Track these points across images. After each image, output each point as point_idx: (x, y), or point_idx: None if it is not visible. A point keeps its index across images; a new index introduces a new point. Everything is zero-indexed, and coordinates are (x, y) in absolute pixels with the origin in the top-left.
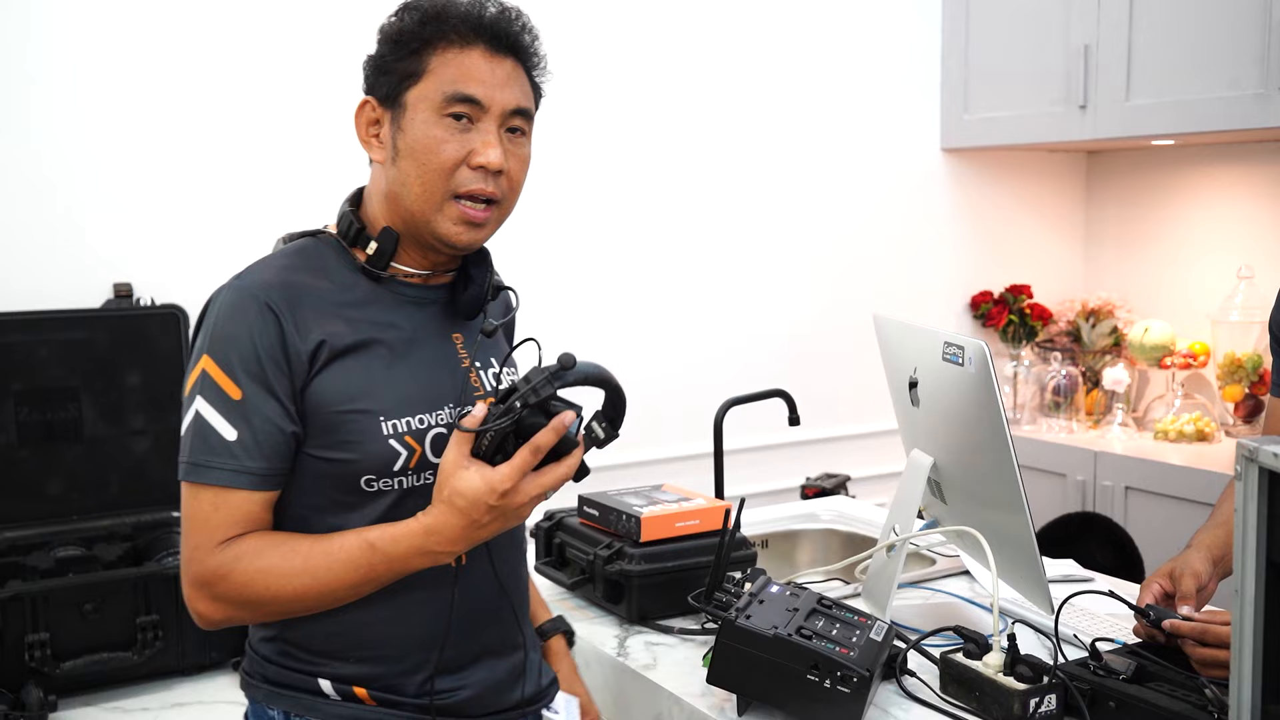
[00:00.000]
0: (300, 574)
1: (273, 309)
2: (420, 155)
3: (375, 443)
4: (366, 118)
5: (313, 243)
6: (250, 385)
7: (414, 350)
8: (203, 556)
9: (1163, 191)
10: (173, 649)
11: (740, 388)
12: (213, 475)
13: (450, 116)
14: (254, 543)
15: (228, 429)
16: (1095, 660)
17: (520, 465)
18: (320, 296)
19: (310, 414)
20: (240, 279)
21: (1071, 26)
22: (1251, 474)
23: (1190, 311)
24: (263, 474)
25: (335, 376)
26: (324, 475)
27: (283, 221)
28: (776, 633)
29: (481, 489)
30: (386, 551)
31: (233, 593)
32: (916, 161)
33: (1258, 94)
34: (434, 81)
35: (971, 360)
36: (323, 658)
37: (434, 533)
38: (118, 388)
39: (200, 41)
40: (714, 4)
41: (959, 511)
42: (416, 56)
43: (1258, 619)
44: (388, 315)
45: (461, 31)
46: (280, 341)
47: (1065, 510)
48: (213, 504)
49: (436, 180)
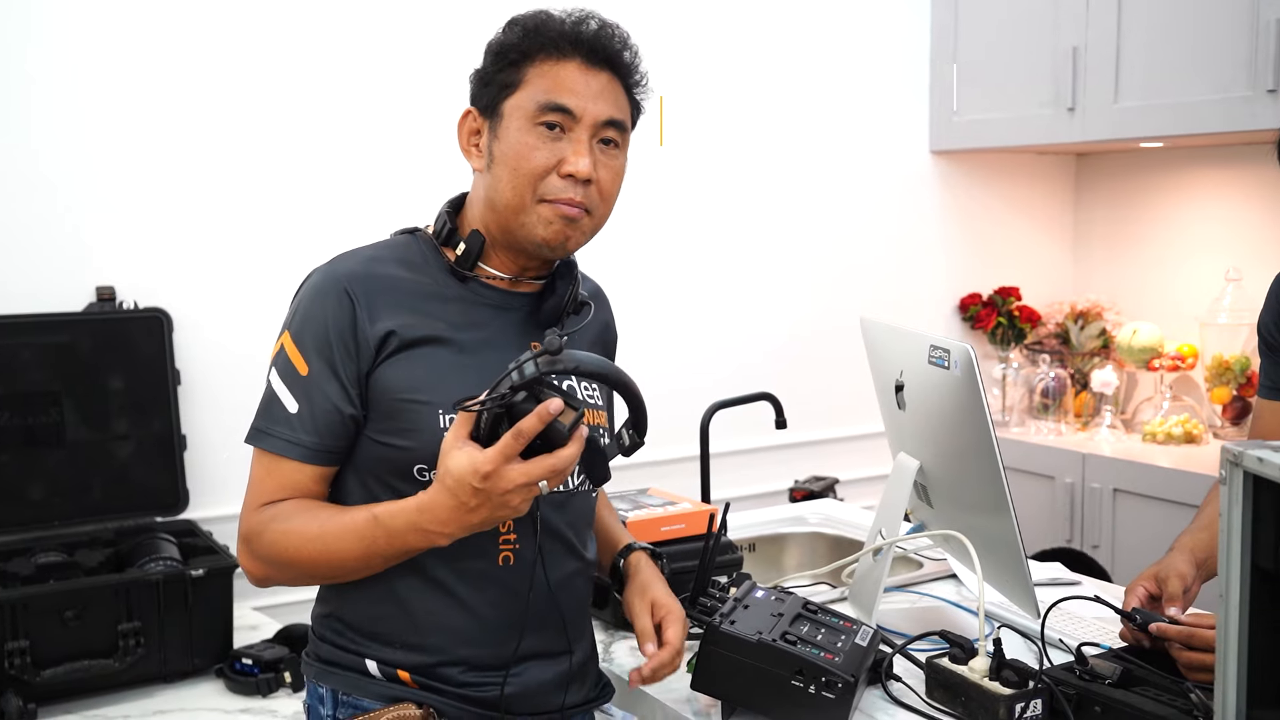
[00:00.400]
0: (315, 539)
1: (350, 295)
2: (512, 161)
3: (430, 433)
4: (468, 128)
5: (410, 238)
6: (317, 364)
7: (486, 352)
8: (247, 514)
9: (1151, 194)
10: (155, 656)
11: (729, 390)
12: (269, 442)
13: (543, 125)
14: (288, 506)
15: (291, 401)
16: (1081, 665)
17: (502, 449)
18: (401, 288)
19: (373, 399)
20: (332, 264)
21: (1060, 29)
22: (1236, 478)
23: (1178, 314)
24: (314, 448)
25: (401, 366)
26: (381, 459)
27: (266, 223)
28: (761, 638)
29: (466, 469)
30: (386, 525)
31: (264, 550)
32: (906, 163)
33: (1245, 96)
34: (530, 91)
35: (957, 363)
36: (371, 640)
37: (425, 510)
38: (100, 392)
39: (181, 44)
40: (702, 6)
41: (945, 515)
42: (515, 68)
43: (1242, 623)
44: (467, 315)
45: (559, 44)
46: (352, 326)
47: (1053, 513)
48: (266, 469)
49: (526, 185)
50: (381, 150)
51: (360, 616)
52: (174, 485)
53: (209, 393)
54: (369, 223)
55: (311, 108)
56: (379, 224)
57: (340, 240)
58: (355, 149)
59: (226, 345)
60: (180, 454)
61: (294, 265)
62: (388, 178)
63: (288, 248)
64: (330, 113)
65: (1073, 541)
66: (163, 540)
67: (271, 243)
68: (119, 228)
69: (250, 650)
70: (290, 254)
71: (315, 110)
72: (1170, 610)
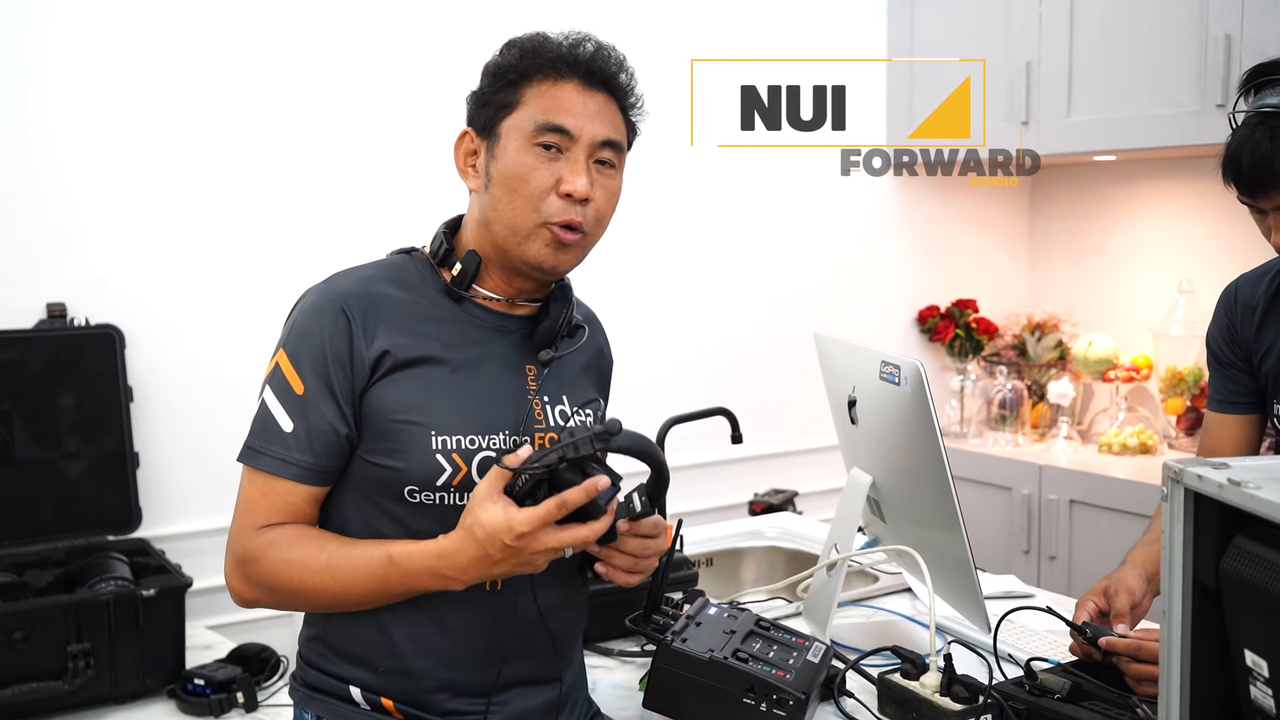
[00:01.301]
0: (322, 571)
1: (346, 314)
2: (511, 182)
3: (422, 455)
4: (465, 148)
5: (406, 258)
6: (314, 383)
7: (480, 373)
8: (243, 536)
9: (1105, 206)
10: (105, 677)
11: (686, 405)
12: (264, 461)
13: (540, 145)
14: (290, 533)
15: (286, 420)
16: (1030, 679)
17: (543, 514)
18: (396, 308)
19: (366, 419)
20: (328, 282)
21: (1013, 44)
22: (1177, 495)
23: (1133, 325)
24: (309, 468)
25: (394, 386)
26: (373, 480)
27: (220, 239)
28: (712, 655)
29: (501, 525)
30: (402, 565)
31: (263, 576)
32: (863, 178)
33: (1194, 111)
34: (527, 111)
35: (907, 380)
36: (356, 665)
37: (446, 556)
38: (51, 410)
39: (129, 60)
40: (661, 22)
41: (898, 530)
42: (513, 89)
43: (1184, 638)
44: (462, 336)
45: (557, 65)
46: (348, 346)
47: (1010, 524)
48: (260, 489)
49: (526, 206)
50: (339, 170)
51: (344, 639)
52: (126, 503)
53: (162, 410)
54: (326, 241)
55: (265, 125)
56: (335, 243)
57: (296, 258)
58: (313, 167)
59: (180, 362)
60: (133, 472)
61: (248, 281)
62: (344, 198)
63: (241, 264)
64: (286, 132)
65: (1030, 552)
66: (114, 560)
67: (225, 259)
68: (69, 244)
69: (202, 670)
70: (245, 270)
71: (270, 128)
72: (1118, 627)
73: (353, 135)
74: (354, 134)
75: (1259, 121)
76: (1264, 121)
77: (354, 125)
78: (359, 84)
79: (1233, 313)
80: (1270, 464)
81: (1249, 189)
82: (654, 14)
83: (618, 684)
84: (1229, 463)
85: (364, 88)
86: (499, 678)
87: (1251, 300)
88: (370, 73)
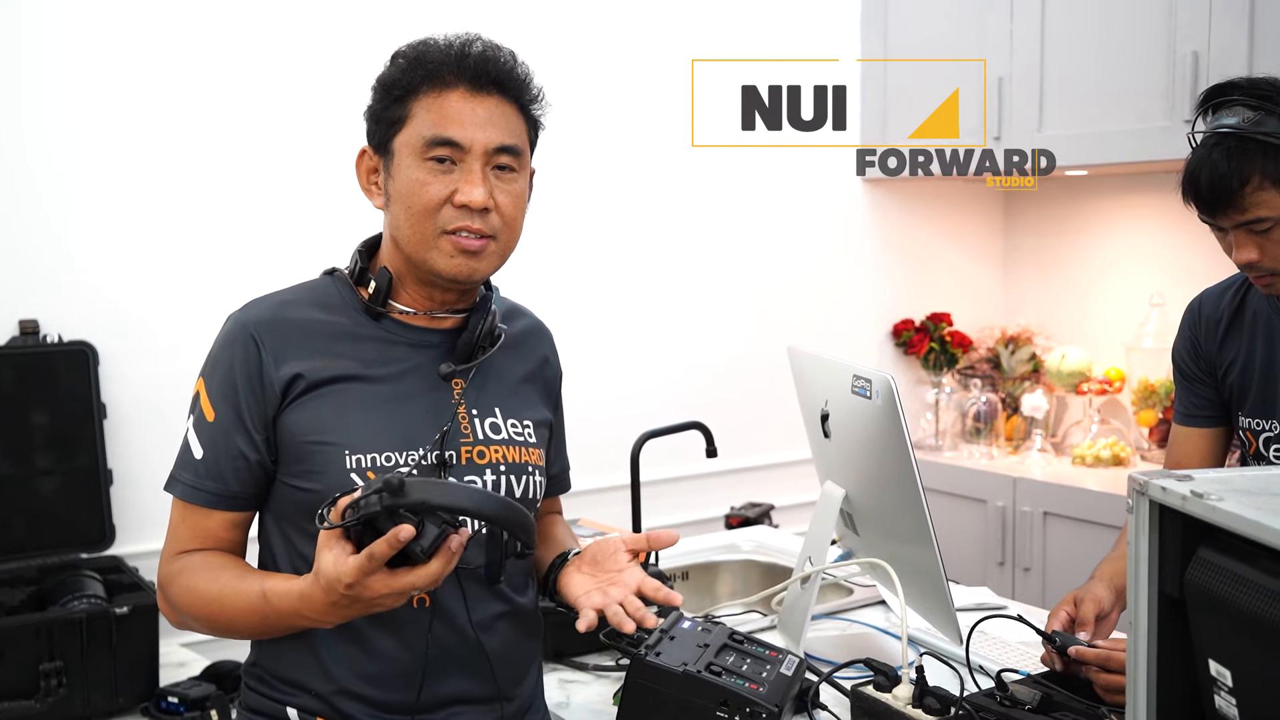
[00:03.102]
0: (213, 602)
1: (256, 341)
2: (406, 198)
3: (336, 475)
4: (366, 166)
5: (328, 280)
6: (223, 409)
7: (399, 389)
8: (163, 561)
9: (1077, 220)
10: (78, 696)
11: (661, 419)
12: (178, 488)
13: (433, 159)
14: (197, 560)
15: (198, 448)
16: (1002, 691)
17: (360, 566)
18: (312, 331)
19: (282, 443)
20: (243, 310)
21: (985, 60)
22: (1142, 507)
23: (1106, 338)
24: (219, 494)
25: (307, 408)
26: (293, 503)
27: (193, 254)
28: (686, 669)
29: (333, 574)
30: (275, 604)
31: (174, 601)
32: (837, 191)
33: (1163, 126)
34: (415, 127)
35: (878, 394)
36: (291, 687)
37: (305, 600)
38: (24, 427)
39: (101, 75)
40: (631, 36)
41: (871, 543)
42: (401, 103)
43: (1150, 649)
44: (381, 353)
45: (441, 74)
46: (258, 372)
47: (985, 536)
48: (180, 515)
49: (424, 220)
50: (313, 188)
51: (278, 662)
52: (99, 521)
53: (136, 427)
54: (295, 259)
55: (240, 142)
56: (304, 260)
57: (266, 274)
58: (287, 185)
59: (153, 379)
60: (106, 489)
61: (222, 298)
62: (319, 216)
63: (215, 281)
64: (261, 148)
65: (1004, 564)
66: (87, 578)
67: (199, 275)
68: (42, 260)
69: (176, 688)
70: (218, 287)
71: (244, 144)
72: (1081, 634)
73: (326, 154)
74: (327, 153)
75: (1215, 142)
76: (1220, 141)
77: (327, 144)
78: (330, 105)
79: (1196, 327)
80: (1232, 476)
81: (1208, 209)
82: (653, 16)
83: (591, 698)
84: (1192, 475)
85: (334, 108)
86: (420, 697)
87: (1215, 315)
88: (339, 93)
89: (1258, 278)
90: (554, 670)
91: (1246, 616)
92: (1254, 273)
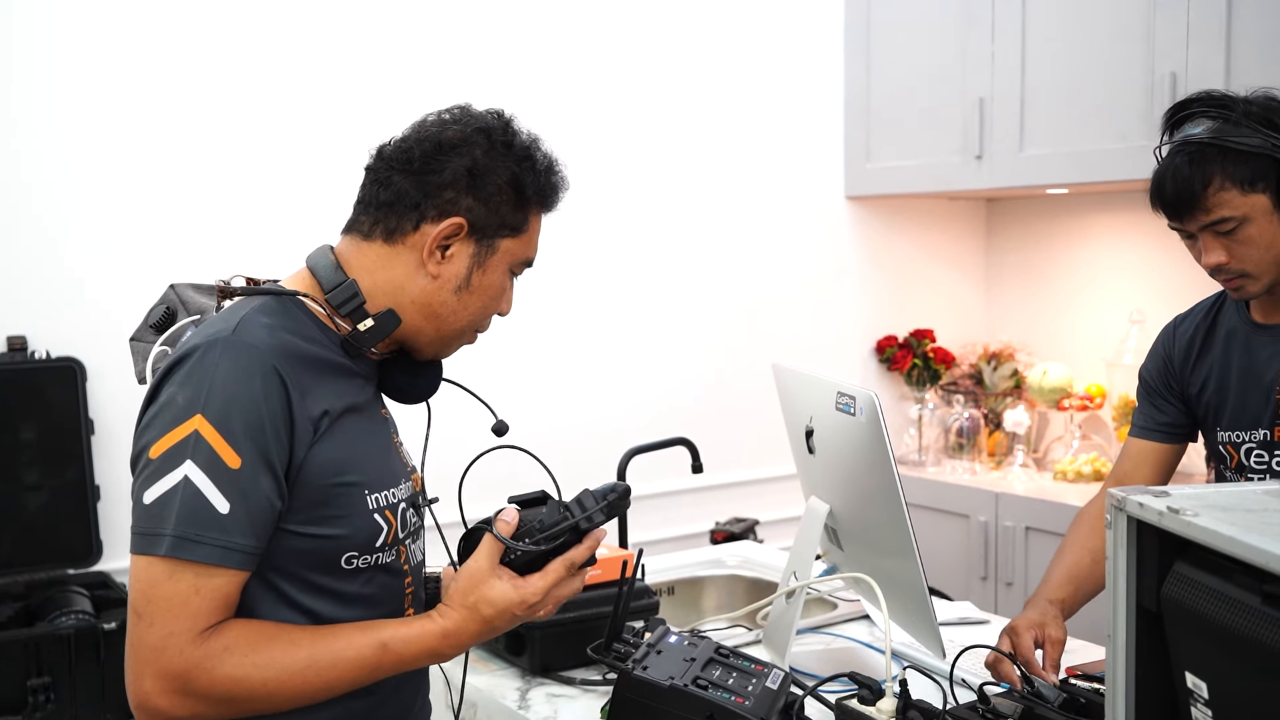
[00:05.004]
0: (304, 669)
1: (279, 374)
2: (487, 298)
3: (362, 516)
4: (449, 234)
5: (288, 302)
6: (251, 454)
7: (371, 422)
8: (181, 646)
9: (1058, 238)
10: (65, 712)
11: (647, 434)
12: (202, 552)
13: (513, 273)
14: (243, 632)
15: (220, 500)
16: (984, 704)
17: (554, 580)
18: (311, 361)
19: (302, 486)
20: (237, 335)
21: (967, 80)
22: (1120, 522)
23: (1087, 355)
24: (251, 552)
25: (331, 446)
26: (303, 553)
27: (179, 271)
28: (673, 683)
29: (513, 600)
30: (399, 652)
31: (216, 689)
32: (821, 209)
33: (1143, 145)
34: (524, 243)
35: (862, 410)
36: None
37: (450, 636)
38: (11, 442)
39: (87, 87)
40: (616, 52)
41: (855, 558)
42: (523, 212)
43: (1129, 661)
44: (353, 385)
45: (548, 200)
46: (286, 409)
47: (968, 551)
48: (193, 586)
49: (482, 318)
50: (301, 204)
51: None
52: (87, 536)
53: (123, 442)
54: (284, 276)
55: (228, 158)
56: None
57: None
58: (276, 201)
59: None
60: (94, 504)
61: None
62: (305, 233)
63: None
64: (249, 164)
65: (987, 579)
66: (75, 593)
67: None
68: (30, 276)
69: None
70: None
71: (231, 161)
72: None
73: (316, 172)
74: (318, 171)
75: (1178, 149)
76: (1182, 149)
77: (317, 162)
78: (321, 125)
79: (1170, 347)
80: (1207, 492)
81: (1174, 212)
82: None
83: (578, 712)
84: (1169, 491)
85: (325, 129)
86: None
87: (1187, 336)
88: (329, 114)
89: (1227, 280)
90: (541, 685)
91: (1221, 630)
92: (1223, 275)
